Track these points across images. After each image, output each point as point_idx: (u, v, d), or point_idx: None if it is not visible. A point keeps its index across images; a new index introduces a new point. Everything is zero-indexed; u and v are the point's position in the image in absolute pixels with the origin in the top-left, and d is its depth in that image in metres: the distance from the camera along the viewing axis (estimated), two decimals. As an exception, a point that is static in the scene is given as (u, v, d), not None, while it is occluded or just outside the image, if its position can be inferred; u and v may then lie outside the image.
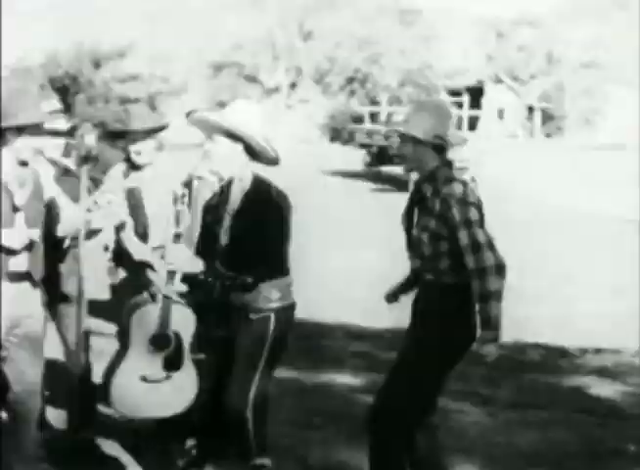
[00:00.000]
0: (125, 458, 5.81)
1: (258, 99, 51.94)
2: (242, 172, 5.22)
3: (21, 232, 5.06)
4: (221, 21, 51.47)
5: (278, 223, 5.24)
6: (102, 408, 6.22)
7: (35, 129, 5.17)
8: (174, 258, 5.06)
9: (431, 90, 52.58)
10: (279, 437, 5.88)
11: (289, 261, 5.33)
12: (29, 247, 5.07)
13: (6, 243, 5.00)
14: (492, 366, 6.73)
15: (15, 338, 5.24)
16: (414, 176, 5.00)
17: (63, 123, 5.90)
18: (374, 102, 53.28)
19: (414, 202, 4.93)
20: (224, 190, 5.26)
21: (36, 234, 5.09)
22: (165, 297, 5.18)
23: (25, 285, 5.19)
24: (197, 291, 5.42)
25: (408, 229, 4.94)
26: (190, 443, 5.51)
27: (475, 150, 32.98)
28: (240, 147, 5.21)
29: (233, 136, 5.19)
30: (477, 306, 4.65)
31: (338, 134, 51.66)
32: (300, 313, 7.11)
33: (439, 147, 4.84)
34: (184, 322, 5.27)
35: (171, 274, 5.11)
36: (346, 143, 40.36)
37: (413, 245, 4.87)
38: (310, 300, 11.49)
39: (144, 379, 5.29)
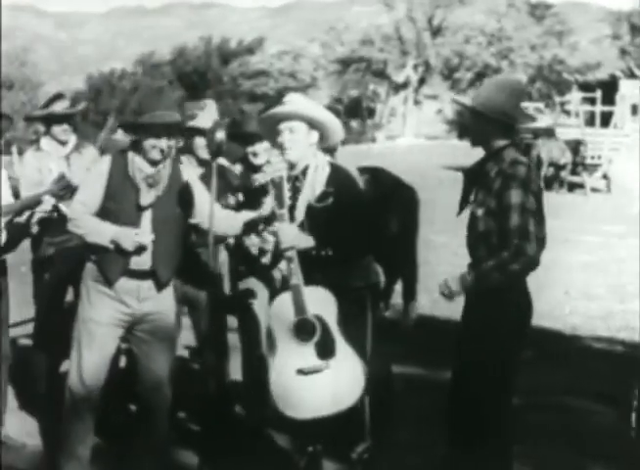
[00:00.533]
0: None
1: (386, 94, 51.94)
2: (317, 160, 5.18)
3: (138, 234, 5.12)
4: (349, 16, 51.54)
5: (361, 207, 5.17)
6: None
7: (175, 128, 5.24)
8: (286, 237, 4.93)
9: (562, 85, 51.68)
10: (408, 434, 5.84)
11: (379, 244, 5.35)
12: (139, 250, 5.12)
13: (122, 244, 5.07)
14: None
15: (141, 333, 5.31)
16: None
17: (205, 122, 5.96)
18: (503, 97, 52.56)
19: (474, 179, 4.85)
20: (299, 178, 5.21)
21: (149, 238, 5.14)
22: (290, 280, 4.93)
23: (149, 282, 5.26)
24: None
25: (462, 206, 4.87)
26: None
27: (607, 146, 32.35)
28: (316, 135, 5.18)
29: (312, 123, 5.15)
30: (484, 266, 4.57)
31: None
32: (429, 311, 7.04)
33: (508, 126, 4.73)
34: (323, 303, 4.95)
35: (289, 254, 4.93)
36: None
37: (469, 221, 4.80)
38: (438, 296, 11.44)
39: (301, 372, 4.92)
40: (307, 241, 5.00)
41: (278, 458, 5.65)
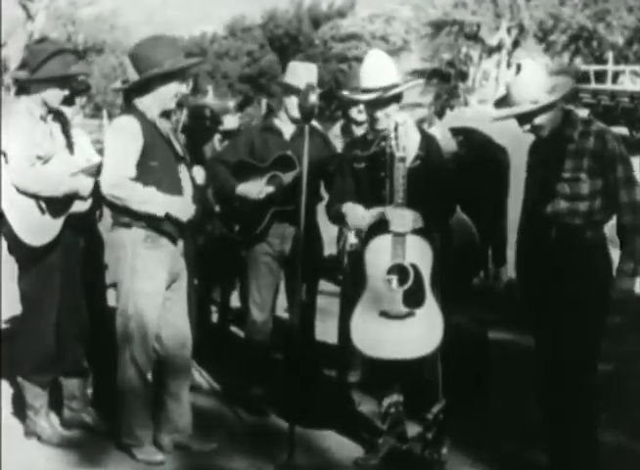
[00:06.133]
0: None
1: (479, 57, 51.45)
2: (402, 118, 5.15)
3: None
4: (442, -22, 51.08)
5: (446, 171, 5.19)
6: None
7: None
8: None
9: (660, 48, 50.62)
10: (495, 399, 5.94)
11: None
12: None
13: None
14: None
15: None
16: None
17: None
18: (599, 60, 51.69)
19: (555, 148, 4.76)
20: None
21: None
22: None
23: None
24: None
25: (547, 175, 4.76)
26: (387, 401, 5.40)
27: None
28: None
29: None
30: (625, 240, 4.57)
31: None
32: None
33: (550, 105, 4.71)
34: (421, 253, 4.96)
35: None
36: (569, 103, 39.49)
37: (563, 187, 4.68)
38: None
39: (384, 314, 4.97)
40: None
41: (361, 422, 5.68)
